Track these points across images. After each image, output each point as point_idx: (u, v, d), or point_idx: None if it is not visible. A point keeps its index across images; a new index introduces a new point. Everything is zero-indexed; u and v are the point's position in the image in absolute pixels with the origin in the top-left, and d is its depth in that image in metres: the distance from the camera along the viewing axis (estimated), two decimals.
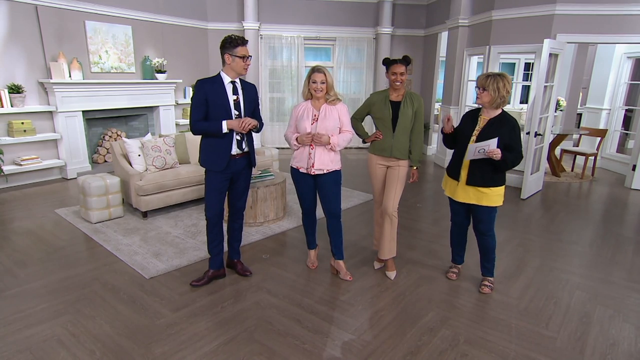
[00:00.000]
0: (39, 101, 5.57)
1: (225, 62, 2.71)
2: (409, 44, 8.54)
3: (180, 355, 2.24)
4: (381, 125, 3.04)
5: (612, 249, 3.78)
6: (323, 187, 2.97)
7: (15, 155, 5.40)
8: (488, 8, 5.85)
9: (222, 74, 2.75)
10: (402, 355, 2.28)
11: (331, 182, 2.95)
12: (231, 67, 2.70)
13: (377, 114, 3.04)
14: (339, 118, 2.89)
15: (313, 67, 2.82)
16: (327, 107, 2.86)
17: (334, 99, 2.87)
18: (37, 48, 5.44)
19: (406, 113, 2.96)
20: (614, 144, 7.10)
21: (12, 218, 4.30)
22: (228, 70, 2.73)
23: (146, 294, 2.85)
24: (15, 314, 2.60)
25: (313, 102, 2.89)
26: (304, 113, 2.87)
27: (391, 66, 2.93)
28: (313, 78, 2.79)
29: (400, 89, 2.97)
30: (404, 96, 2.99)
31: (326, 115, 2.84)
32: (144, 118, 7.01)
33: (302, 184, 3.00)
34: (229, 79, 2.74)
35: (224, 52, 2.69)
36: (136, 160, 4.40)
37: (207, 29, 7.93)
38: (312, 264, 3.31)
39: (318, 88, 2.79)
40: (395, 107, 2.98)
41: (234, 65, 2.69)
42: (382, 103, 3.00)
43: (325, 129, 2.83)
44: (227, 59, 2.68)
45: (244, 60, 2.68)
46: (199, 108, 2.71)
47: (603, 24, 5.20)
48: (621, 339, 2.45)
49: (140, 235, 3.87)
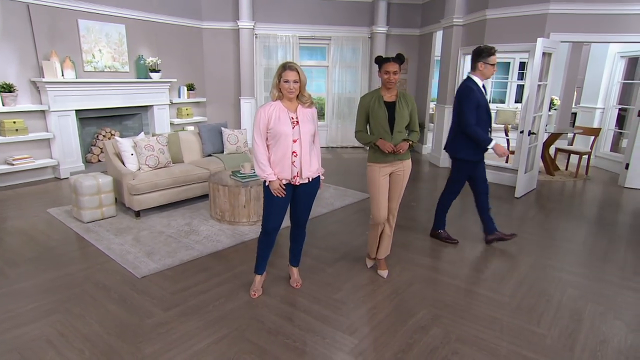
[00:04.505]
0: (31, 100, 5.53)
1: (477, 68, 3.30)
2: (404, 43, 8.54)
3: (170, 355, 2.22)
4: (377, 127, 2.87)
5: (604, 247, 3.79)
6: (303, 198, 2.68)
7: (7, 155, 5.36)
8: (482, 7, 5.86)
9: (475, 78, 3.30)
10: (394, 353, 2.28)
11: (313, 191, 2.71)
12: (482, 73, 3.29)
13: (372, 115, 2.87)
14: (313, 122, 2.61)
15: (284, 64, 2.46)
16: (302, 109, 2.55)
17: (309, 103, 2.57)
18: (29, 47, 5.40)
19: (402, 114, 2.84)
20: (608, 142, 7.14)
21: (4, 218, 4.27)
22: (479, 75, 3.31)
23: (137, 293, 2.83)
24: (4, 313, 2.57)
25: (285, 103, 2.52)
26: (280, 115, 2.48)
27: (384, 64, 2.79)
28: (285, 77, 2.43)
29: (393, 88, 2.84)
30: (397, 96, 2.87)
31: (304, 119, 2.54)
32: (138, 117, 6.98)
33: (280, 198, 2.59)
34: (481, 82, 3.31)
35: (479, 60, 3.26)
36: (129, 159, 4.38)
37: (202, 28, 7.90)
38: (255, 292, 2.83)
39: (291, 88, 2.44)
40: (390, 107, 2.85)
41: (486, 72, 3.28)
42: (376, 104, 2.84)
43: (306, 132, 2.53)
44: (481, 66, 3.27)
45: (494, 68, 3.29)
46: (473, 111, 3.25)
47: (596, 23, 5.22)
48: (611, 336, 2.46)
49: (132, 234, 3.84)
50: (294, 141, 2.50)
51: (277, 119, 2.47)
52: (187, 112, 7.73)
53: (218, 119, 8.19)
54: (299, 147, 2.52)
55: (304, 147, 2.53)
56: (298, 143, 2.51)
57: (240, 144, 5.42)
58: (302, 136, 2.51)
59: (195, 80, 7.92)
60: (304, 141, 2.52)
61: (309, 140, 2.56)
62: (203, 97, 8.15)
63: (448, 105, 6.96)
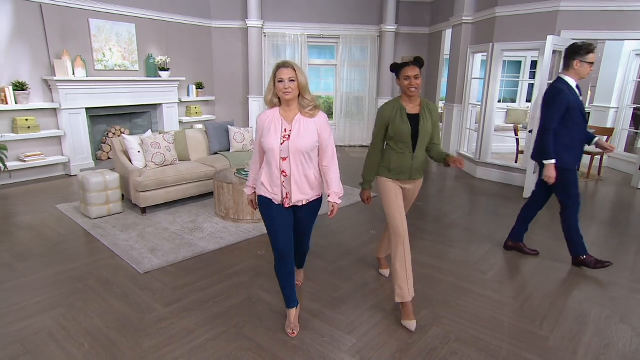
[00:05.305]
0: (43, 98, 5.63)
1: (572, 67, 3.02)
2: (413, 41, 8.48)
3: (168, 350, 2.24)
4: (397, 143, 2.49)
5: (614, 249, 3.70)
6: (298, 222, 2.34)
7: (20, 152, 5.47)
8: (492, 5, 5.77)
9: (567, 78, 3.03)
10: (392, 353, 2.26)
11: (311, 215, 2.35)
12: (577, 72, 3.02)
13: (394, 131, 2.46)
14: (317, 134, 2.18)
15: (278, 64, 2.13)
16: (302, 119, 2.15)
17: (311, 107, 2.16)
18: (42, 46, 5.50)
19: (426, 129, 2.47)
20: (622, 143, 6.97)
21: (15, 213, 4.36)
22: (573, 75, 3.04)
23: (139, 289, 2.87)
24: (10, 306, 2.63)
25: (282, 111, 2.18)
26: (271, 125, 2.15)
27: (402, 69, 2.41)
28: (279, 76, 2.09)
29: (415, 96, 2.44)
30: (421, 107, 2.49)
31: (301, 131, 2.13)
32: (148, 115, 7.06)
33: (277, 219, 2.24)
34: (575, 83, 3.04)
35: (575, 57, 2.98)
36: (136, 156, 4.43)
37: (211, 27, 7.96)
38: (292, 330, 2.40)
39: (287, 88, 2.08)
40: (414, 120, 2.46)
41: (582, 71, 3.01)
42: (399, 117, 2.44)
43: (299, 150, 2.13)
44: (577, 64, 3.00)
45: (591, 67, 3.00)
46: (558, 116, 3.01)
47: (610, 20, 5.10)
48: (616, 340, 2.40)
49: (138, 231, 3.89)
50: (282, 159, 2.16)
51: (268, 130, 2.15)
52: (195, 111, 7.79)
53: (226, 117, 8.25)
54: (288, 166, 2.16)
55: (295, 166, 2.16)
56: (288, 162, 2.15)
57: (247, 142, 5.44)
58: (293, 154, 2.13)
59: (204, 79, 7.98)
60: (295, 160, 2.15)
61: (304, 158, 2.16)
62: (212, 95, 8.21)
63: (457, 104, 6.88)
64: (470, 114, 6.73)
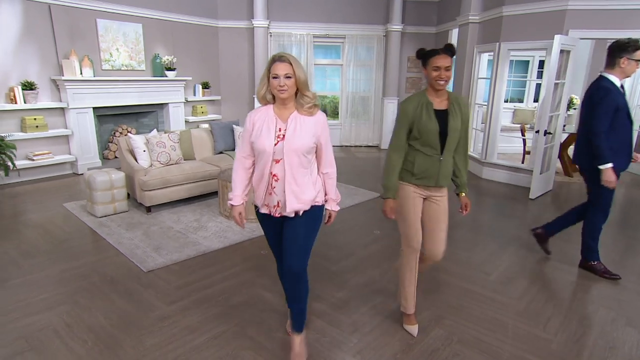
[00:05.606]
0: (51, 98, 5.70)
1: (617, 65, 2.86)
2: (420, 41, 8.43)
3: (170, 347, 2.26)
4: (423, 143, 2.19)
5: (621, 251, 3.66)
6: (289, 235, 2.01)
7: (28, 151, 5.54)
8: (499, 4, 5.73)
9: (612, 76, 2.87)
10: (393, 354, 2.25)
11: (304, 225, 2.01)
12: (623, 70, 2.86)
13: (419, 129, 2.17)
14: (315, 134, 1.94)
15: (273, 56, 1.90)
16: (299, 117, 1.93)
17: (310, 105, 1.93)
18: (50, 46, 5.57)
19: (455, 126, 2.18)
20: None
21: (22, 211, 4.42)
22: (618, 73, 2.87)
23: (143, 287, 2.89)
24: (15, 303, 2.66)
25: (277, 109, 1.96)
26: (263, 125, 1.93)
27: (432, 58, 2.09)
28: (273, 71, 1.86)
29: (443, 90, 2.16)
30: (449, 101, 2.20)
31: (296, 131, 1.90)
32: (154, 115, 7.11)
33: (269, 229, 2.11)
34: (619, 82, 2.88)
35: (622, 55, 2.82)
36: (141, 155, 4.47)
37: (217, 26, 7.99)
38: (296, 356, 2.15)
39: (282, 85, 1.85)
40: (442, 117, 2.17)
41: (628, 69, 2.86)
42: (424, 114, 2.15)
43: (294, 151, 1.89)
44: (623, 62, 2.84)
45: (637, 64, 2.84)
46: (608, 117, 2.82)
47: (618, 19, 5.03)
48: (622, 343, 2.37)
49: (142, 229, 3.92)
50: (275, 161, 1.92)
51: (259, 130, 1.93)
52: (202, 110, 7.83)
53: (232, 117, 8.27)
54: (282, 169, 1.92)
55: (290, 169, 1.91)
56: (281, 164, 1.92)
57: None
58: (287, 156, 1.90)
59: (210, 79, 8.02)
60: (290, 162, 1.91)
61: (300, 160, 1.92)
62: (218, 95, 8.24)
63: None
64: (476, 113, 6.68)
